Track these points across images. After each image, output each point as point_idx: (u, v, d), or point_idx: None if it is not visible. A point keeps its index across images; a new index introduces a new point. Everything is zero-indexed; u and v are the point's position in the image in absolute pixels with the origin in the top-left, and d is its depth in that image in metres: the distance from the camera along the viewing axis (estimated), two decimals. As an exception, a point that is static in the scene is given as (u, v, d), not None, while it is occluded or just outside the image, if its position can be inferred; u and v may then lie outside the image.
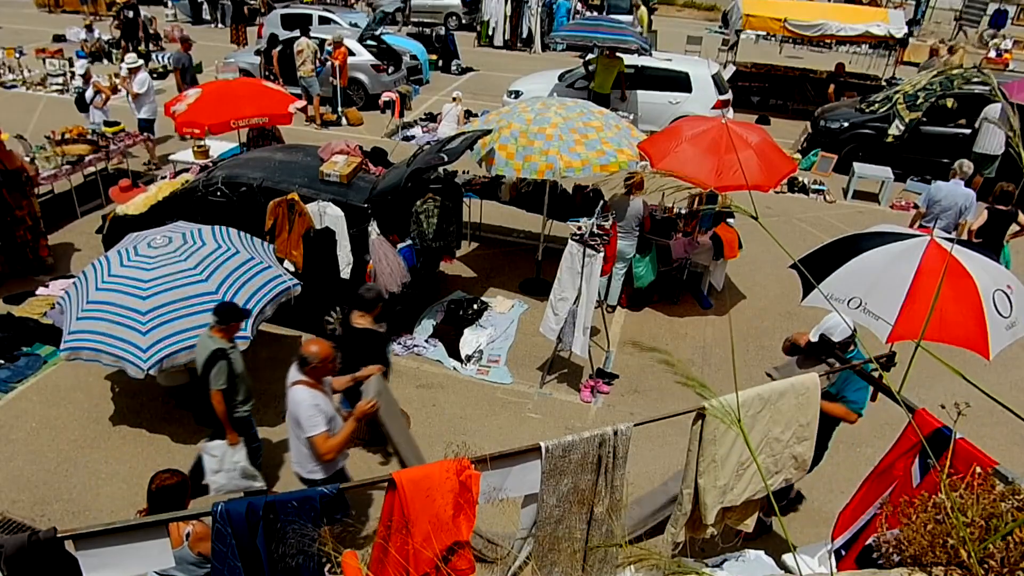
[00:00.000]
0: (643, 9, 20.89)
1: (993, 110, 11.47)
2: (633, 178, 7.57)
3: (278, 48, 14.58)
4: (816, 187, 12.02)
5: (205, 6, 23.27)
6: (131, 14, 17.67)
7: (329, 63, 14.13)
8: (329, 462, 4.48)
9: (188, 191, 7.24)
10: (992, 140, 11.46)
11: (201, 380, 4.92)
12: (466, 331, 7.60)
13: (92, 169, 9.97)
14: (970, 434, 3.48)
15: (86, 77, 10.89)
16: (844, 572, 3.55)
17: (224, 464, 4.95)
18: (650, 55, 13.44)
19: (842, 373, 4.59)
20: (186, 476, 3.75)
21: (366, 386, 4.53)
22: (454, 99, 13.20)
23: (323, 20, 17.50)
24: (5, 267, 8.09)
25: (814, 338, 4.81)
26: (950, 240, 4.85)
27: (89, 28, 18.57)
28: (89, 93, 10.53)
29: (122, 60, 12.78)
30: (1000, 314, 4.38)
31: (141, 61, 11.43)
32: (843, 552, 4.01)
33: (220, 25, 22.50)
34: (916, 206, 8.51)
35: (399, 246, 7.04)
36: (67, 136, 9.78)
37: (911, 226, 8.25)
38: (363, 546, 4.93)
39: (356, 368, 5.05)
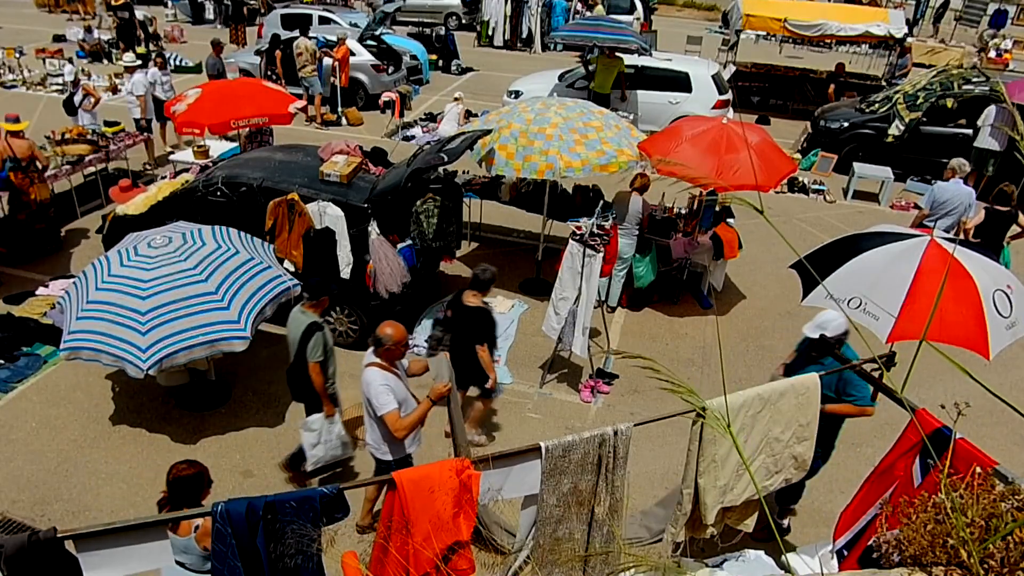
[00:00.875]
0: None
1: (992, 112, 11.48)
2: (638, 178, 7.62)
3: (279, 48, 14.56)
4: (816, 187, 12.02)
5: (207, 6, 23.22)
6: (127, 15, 17.41)
7: (329, 61, 14.09)
8: (399, 443, 4.56)
9: (188, 191, 7.24)
10: (994, 136, 11.48)
11: (297, 355, 5.12)
12: (466, 331, 7.60)
13: (92, 169, 9.97)
14: (970, 434, 3.48)
15: (75, 81, 10.82)
16: (844, 572, 3.55)
17: (323, 436, 5.23)
18: (650, 55, 13.44)
19: (835, 374, 4.58)
20: (204, 468, 3.77)
21: (438, 369, 4.55)
22: (456, 99, 13.19)
23: (323, 20, 17.50)
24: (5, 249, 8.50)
25: (810, 333, 4.78)
26: (952, 240, 4.84)
27: (88, 29, 18.56)
28: (78, 97, 10.47)
29: (121, 60, 12.76)
30: (1000, 314, 4.38)
31: (139, 61, 11.42)
32: (845, 552, 4.01)
33: (223, 25, 22.47)
34: (918, 207, 8.50)
35: (399, 246, 7.04)
36: (67, 136, 9.78)
37: (913, 227, 8.26)
38: (363, 546, 4.93)
39: (469, 346, 5.35)
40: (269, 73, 14.50)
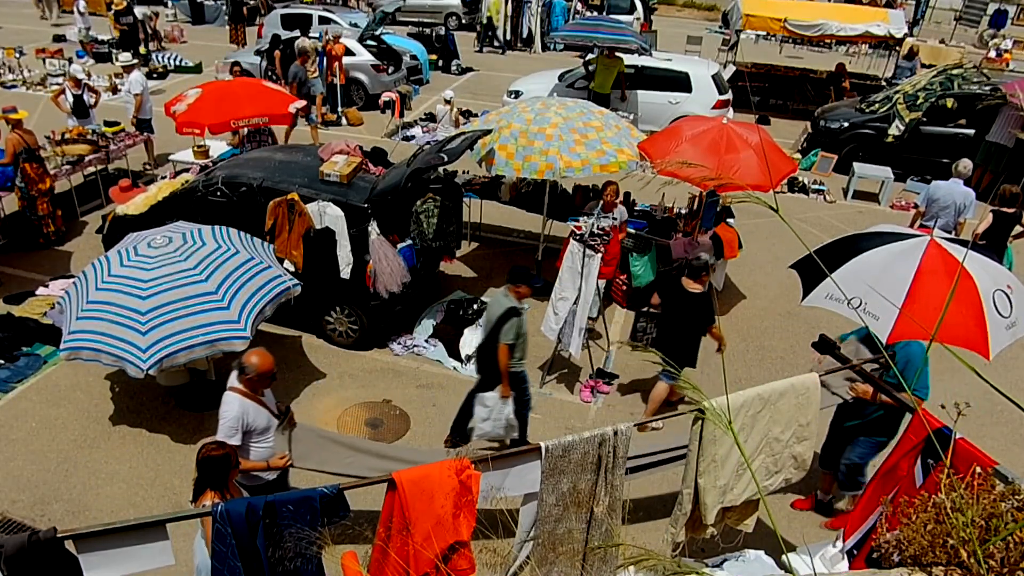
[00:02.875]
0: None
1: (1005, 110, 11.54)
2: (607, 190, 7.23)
3: (279, 48, 14.55)
4: (816, 187, 12.02)
5: (204, 6, 23.14)
6: (131, 19, 16.97)
7: (324, 60, 14.07)
8: (247, 472, 4.40)
9: (188, 191, 7.24)
10: (1006, 132, 11.53)
11: (490, 334, 5.41)
12: (466, 331, 7.59)
13: (92, 169, 9.97)
14: (970, 434, 3.48)
15: (77, 80, 10.61)
16: (844, 572, 3.55)
17: (493, 414, 5.53)
18: (650, 55, 13.44)
19: (903, 360, 4.57)
20: (232, 449, 3.78)
21: (279, 443, 4.51)
22: (447, 101, 13.17)
23: (323, 20, 17.48)
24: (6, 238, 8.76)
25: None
26: (954, 240, 4.84)
27: (87, 30, 18.43)
28: (88, 98, 10.44)
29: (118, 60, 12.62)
30: (1000, 314, 4.38)
31: (135, 60, 11.38)
32: (855, 552, 4.02)
33: (230, 22, 22.14)
34: (916, 205, 8.53)
35: (399, 246, 7.04)
36: (67, 136, 9.78)
37: (911, 225, 8.28)
38: (363, 546, 4.93)
39: (688, 330, 5.89)
40: (269, 73, 14.49)
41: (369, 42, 15.54)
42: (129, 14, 16.79)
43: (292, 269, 6.75)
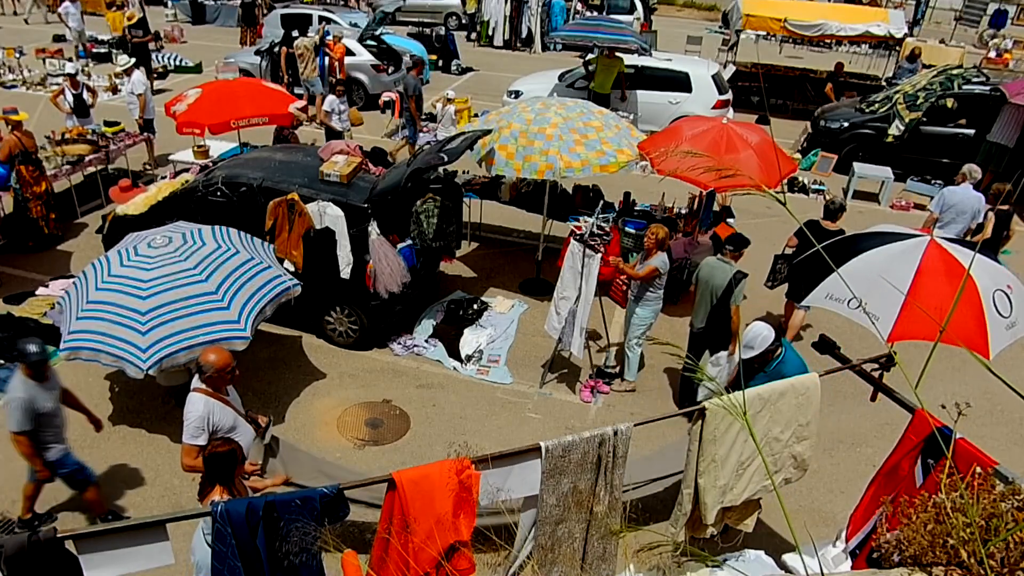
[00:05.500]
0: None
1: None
2: (656, 235, 6.32)
3: (283, 47, 14.53)
4: (816, 187, 12.02)
5: (205, 6, 23.09)
6: (140, 33, 15.24)
7: (327, 59, 14.06)
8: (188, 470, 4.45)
9: (188, 191, 7.24)
10: (1008, 131, 11.54)
11: (721, 298, 5.91)
12: (466, 331, 7.60)
13: (92, 169, 9.96)
14: (970, 434, 3.48)
15: (74, 79, 10.53)
16: (844, 572, 3.55)
17: (722, 372, 5.91)
18: (650, 55, 13.44)
19: (776, 376, 4.54)
20: (237, 445, 3.78)
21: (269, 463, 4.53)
22: (448, 100, 13.17)
23: (323, 20, 17.48)
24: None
25: (745, 356, 4.74)
26: (955, 241, 4.84)
27: (80, 33, 18.14)
28: (87, 97, 10.43)
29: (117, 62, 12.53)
30: (1000, 314, 4.39)
31: (133, 60, 11.36)
32: (858, 552, 4.02)
33: (244, 24, 21.59)
34: (918, 207, 8.55)
35: (399, 246, 7.04)
36: (67, 136, 9.78)
37: (923, 229, 8.34)
38: (364, 546, 4.93)
39: (823, 265, 6.04)
40: (279, 75, 14.35)
41: (369, 42, 15.54)
42: (141, 27, 15.30)
43: (292, 269, 6.75)
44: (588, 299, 6.39)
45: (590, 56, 14.21)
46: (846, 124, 12.93)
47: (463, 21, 23.29)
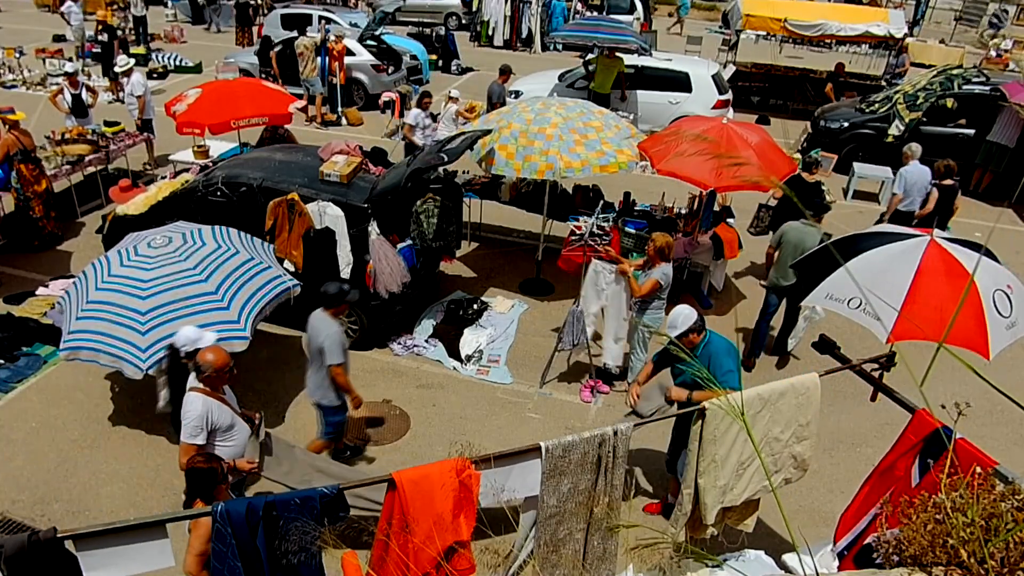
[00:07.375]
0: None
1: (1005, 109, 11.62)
2: (655, 243, 6.16)
3: (276, 49, 14.55)
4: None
5: (205, 9, 23.06)
6: (106, 37, 15.55)
7: (327, 59, 14.05)
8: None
9: (188, 191, 7.24)
10: (1007, 132, 11.61)
11: (814, 253, 5.73)
12: (466, 331, 7.60)
13: (92, 169, 9.96)
14: (970, 434, 3.48)
15: (73, 79, 10.51)
16: (844, 572, 3.55)
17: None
18: (650, 55, 13.44)
19: (706, 358, 4.57)
20: (219, 464, 3.76)
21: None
22: (451, 98, 13.17)
23: (323, 20, 17.48)
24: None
25: (670, 333, 4.62)
26: (955, 241, 4.83)
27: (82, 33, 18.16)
28: (86, 97, 10.41)
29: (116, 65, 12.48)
30: (1000, 314, 4.38)
31: (132, 61, 11.35)
32: (845, 553, 4.01)
33: (219, 30, 22.04)
34: (894, 193, 8.86)
35: (399, 246, 7.04)
36: (67, 136, 9.77)
37: (890, 210, 8.88)
38: (364, 545, 4.93)
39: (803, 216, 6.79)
40: (264, 75, 14.39)
41: (369, 42, 15.54)
42: (108, 32, 15.51)
43: (292, 269, 6.75)
44: (620, 311, 6.49)
45: (590, 56, 14.20)
46: (846, 124, 12.93)
47: (463, 21, 23.30)
